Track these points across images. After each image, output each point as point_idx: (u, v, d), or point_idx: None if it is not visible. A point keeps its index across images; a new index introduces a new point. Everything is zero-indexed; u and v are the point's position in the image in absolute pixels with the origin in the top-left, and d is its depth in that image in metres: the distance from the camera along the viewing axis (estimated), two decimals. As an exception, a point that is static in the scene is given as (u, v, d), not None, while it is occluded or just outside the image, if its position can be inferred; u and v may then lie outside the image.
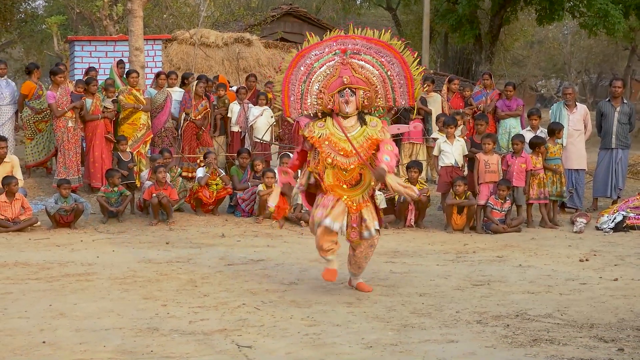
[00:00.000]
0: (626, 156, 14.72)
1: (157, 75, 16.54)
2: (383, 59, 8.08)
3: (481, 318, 7.39)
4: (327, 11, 43.10)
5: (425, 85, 16.86)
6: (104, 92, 15.37)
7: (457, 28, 30.97)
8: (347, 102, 7.92)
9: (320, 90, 7.99)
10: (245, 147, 15.84)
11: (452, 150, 13.21)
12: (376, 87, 8.04)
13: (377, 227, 8.20)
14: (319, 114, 8.14)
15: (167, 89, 16.18)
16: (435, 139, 13.97)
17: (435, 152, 13.62)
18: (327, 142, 7.94)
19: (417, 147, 16.45)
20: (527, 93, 46.61)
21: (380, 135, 7.93)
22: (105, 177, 13.63)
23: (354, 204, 8.03)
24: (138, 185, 14.40)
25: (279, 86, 8.17)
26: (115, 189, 13.24)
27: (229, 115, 16.57)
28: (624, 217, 12.78)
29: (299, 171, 8.62)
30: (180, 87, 16.58)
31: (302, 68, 8.09)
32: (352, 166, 7.91)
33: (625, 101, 14.64)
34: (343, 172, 7.95)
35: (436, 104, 16.76)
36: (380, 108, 8.24)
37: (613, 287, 8.73)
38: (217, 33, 23.74)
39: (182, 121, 15.90)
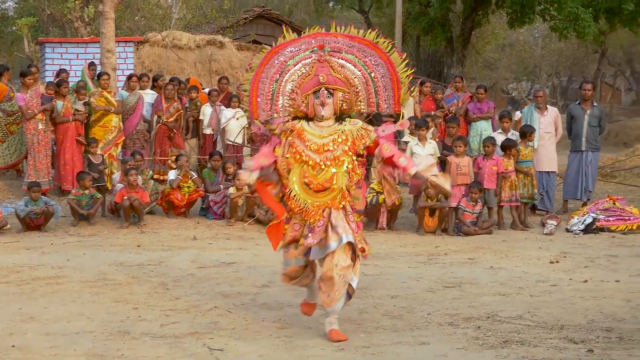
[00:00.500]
0: (596, 159, 14.82)
1: (129, 77, 16.49)
2: (367, 59, 7.04)
3: (452, 320, 7.41)
4: (300, 14, 43.20)
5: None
6: (75, 95, 15.29)
7: (429, 31, 31.07)
8: (322, 105, 6.84)
9: (293, 90, 6.98)
10: (217, 149, 15.80)
11: (423, 153, 13.24)
12: (357, 88, 6.96)
13: (351, 240, 6.77)
14: (290, 118, 7.06)
15: (139, 91, 16.14)
16: (406, 142, 13.99)
17: (407, 154, 13.61)
18: (296, 135, 6.88)
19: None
20: (498, 96, 46.80)
21: (366, 136, 6.88)
22: (77, 179, 13.55)
23: (320, 209, 6.79)
24: (109, 188, 14.35)
25: (247, 85, 7.19)
26: (86, 191, 13.17)
27: (201, 117, 16.54)
28: (594, 219, 12.87)
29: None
30: (152, 89, 16.53)
31: (274, 66, 7.11)
32: (323, 167, 6.74)
33: (595, 104, 14.73)
34: (312, 173, 6.76)
35: (408, 106, 16.76)
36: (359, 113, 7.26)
37: (583, 288, 8.78)
38: (189, 35, 23.70)
39: (154, 124, 15.85)
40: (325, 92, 6.86)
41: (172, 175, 13.86)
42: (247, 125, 16.30)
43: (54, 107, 14.69)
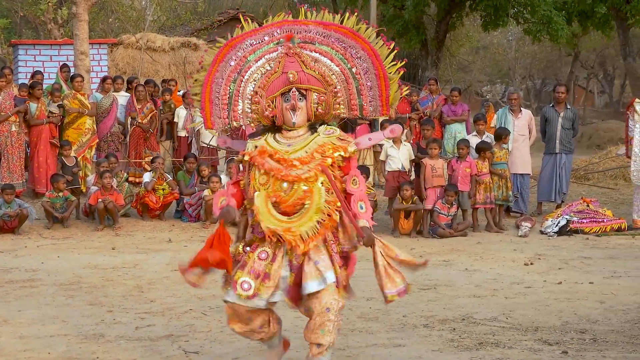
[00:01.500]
0: (570, 161, 14.90)
1: (104, 79, 16.46)
2: (346, 51, 5.63)
3: (428, 322, 7.43)
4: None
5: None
6: (49, 97, 15.22)
7: (404, 33, 31.15)
8: (294, 109, 5.43)
9: (256, 92, 5.53)
10: (191, 152, 15.78)
11: (398, 155, 13.27)
12: (335, 88, 5.54)
13: (334, 280, 5.49)
14: (254, 125, 5.71)
15: (113, 93, 16.09)
16: (381, 145, 14.01)
17: (382, 157, 13.67)
18: (259, 155, 5.45)
19: (364, 152, 16.50)
20: (472, 98, 47.03)
21: (343, 149, 5.49)
22: (51, 182, 13.48)
23: (294, 241, 5.39)
24: (84, 190, 14.30)
25: (198, 87, 5.73)
26: (61, 194, 13.11)
27: (175, 120, 16.51)
28: (568, 221, 12.94)
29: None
30: (127, 91, 16.49)
31: (231, 62, 5.65)
32: (293, 185, 5.37)
33: (568, 107, 14.82)
34: (281, 192, 5.37)
35: (382, 109, 16.80)
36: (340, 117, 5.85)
37: (557, 290, 8.83)
38: (163, 37, 23.64)
39: (128, 126, 15.82)
40: (297, 93, 5.46)
41: (146, 177, 13.82)
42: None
43: (28, 109, 14.60)
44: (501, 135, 13.83)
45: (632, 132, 13.50)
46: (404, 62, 5.76)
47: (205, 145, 15.97)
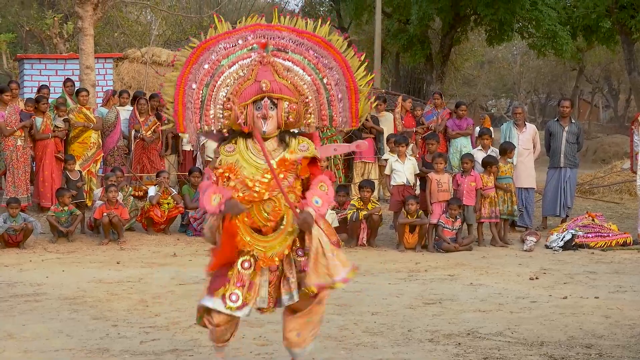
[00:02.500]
0: (574, 175, 14.90)
1: (119, 94, 16.62)
2: (318, 61, 5.69)
3: (433, 337, 7.42)
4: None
5: (376, 104, 16.97)
6: (55, 111, 15.26)
7: (409, 48, 31.26)
8: (264, 117, 5.52)
9: (229, 98, 5.57)
10: (196, 165, 15.79)
11: (403, 169, 13.27)
12: (307, 97, 5.65)
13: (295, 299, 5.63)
14: (226, 131, 5.76)
15: (118, 107, 16.16)
16: (386, 159, 14.02)
17: (387, 171, 13.67)
18: (236, 175, 5.58)
19: (369, 166, 16.53)
20: (477, 112, 47.07)
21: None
22: (56, 196, 13.50)
23: (269, 256, 5.60)
24: (89, 205, 14.31)
25: (170, 89, 5.66)
26: (66, 208, 13.12)
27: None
28: (573, 235, 12.92)
29: None
30: (132, 105, 16.55)
31: (205, 66, 5.65)
32: (265, 212, 5.57)
33: (573, 121, 14.83)
34: (260, 210, 5.55)
35: (388, 122, 16.85)
36: (326, 128, 5.96)
37: (562, 305, 8.81)
38: (168, 52, 23.70)
39: (132, 139, 15.87)
40: (268, 102, 5.52)
41: (151, 191, 13.83)
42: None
43: (33, 124, 14.64)
44: (506, 149, 13.82)
45: (637, 146, 13.51)
46: (373, 76, 5.81)
47: (210, 160, 15.98)
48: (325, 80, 5.67)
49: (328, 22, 5.76)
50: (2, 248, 12.43)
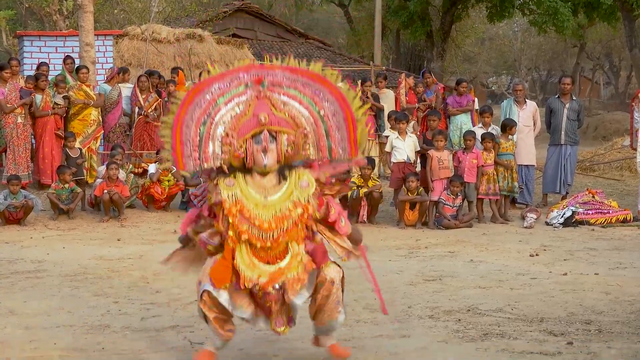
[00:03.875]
0: (575, 152, 14.89)
1: (125, 71, 16.63)
2: (314, 95, 5.70)
3: (433, 313, 7.43)
4: (280, 7, 43.13)
5: (378, 82, 16.97)
6: (54, 88, 15.23)
7: (409, 25, 31.16)
8: (265, 151, 5.53)
9: (227, 134, 5.58)
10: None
11: (404, 146, 13.27)
12: (305, 130, 5.65)
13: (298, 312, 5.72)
14: (226, 166, 5.69)
15: (120, 84, 16.15)
16: (387, 136, 14.02)
17: (387, 148, 13.67)
18: (237, 209, 5.58)
19: (369, 143, 16.50)
20: (478, 89, 47.02)
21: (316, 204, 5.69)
22: (57, 173, 13.51)
23: (273, 290, 5.61)
24: (89, 182, 14.33)
25: (167, 130, 5.67)
26: (66, 185, 13.13)
27: (181, 111, 16.51)
28: (573, 212, 12.92)
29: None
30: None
31: (200, 106, 5.65)
32: (269, 244, 5.59)
33: (574, 98, 14.81)
34: (262, 250, 5.62)
35: (388, 100, 16.83)
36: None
37: (562, 281, 8.82)
38: (168, 29, 23.61)
39: (135, 116, 15.87)
40: (268, 135, 5.54)
41: (152, 169, 13.84)
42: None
43: (33, 101, 14.62)
44: (507, 126, 13.80)
45: (637, 123, 13.50)
46: (369, 105, 5.95)
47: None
48: (322, 112, 5.67)
49: (321, 63, 5.78)
50: (3, 225, 12.45)
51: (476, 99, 17.10)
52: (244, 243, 5.57)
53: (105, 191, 12.87)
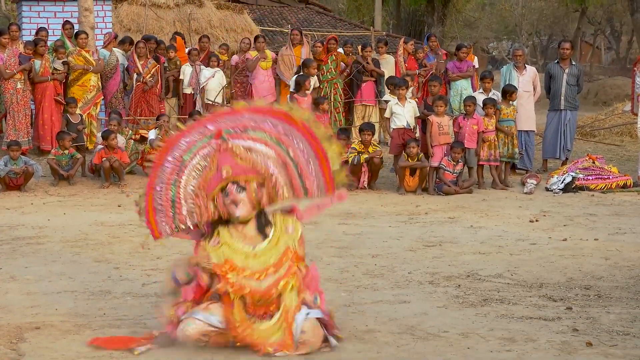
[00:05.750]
0: (574, 117, 14.87)
1: (122, 41, 16.57)
2: (280, 134, 5.61)
3: (433, 279, 7.46)
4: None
5: (378, 47, 16.92)
6: (53, 54, 15.18)
7: (410, -11, 31.02)
8: (235, 203, 5.51)
9: (196, 194, 5.56)
10: (197, 109, 15.76)
11: (404, 112, 13.23)
12: (273, 175, 5.55)
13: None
14: (204, 226, 5.66)
15: (116, 50, 16.11)
16: (387, 102, 13.99)
17: (387, 114, 13.63)
18: (229, 268, 5.51)
19: (369, 109, 16.47)
20: (478, 55, 46.86)
21: (300, 250, 5.69)
22: (56, 139, 13.50)
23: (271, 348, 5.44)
24: (89, 148, 14.33)
25: (142, 200, 5.68)
26: (66, 151, 13.12)
27: (181, 77, 16.47)
28: (573, 178, 12.92)
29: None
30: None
31: (168, 165, 5.62)
32: (262, 299, 5.53)
33: (573, 63, 14.77)
34: (254, 301, 5.53)
35: (389, 65, 16.76)
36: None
37: (562, 247, 8.85)
38: (168, -7, 23.48)
39: (134, 82, 15.82)
40: (234, 187, 5.51)
41: (152, 135, 13.83)
42: (226, 85, 16.29)
43: (32, 67, 14.57)
44: (508, 92, 13.76)
45: (638, 88, 13.47)
46: (341, 141, 5.78)
47: (211, 103, 15.95)
48: (291, 153, 5.59)
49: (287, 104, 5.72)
50: (3, 191, 12.47)
51: (475, 58, 17.02)
52: (238, 300, 5.49)
53: (105, 159, 12.86)
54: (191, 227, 5.64)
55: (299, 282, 5.59)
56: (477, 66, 16.68)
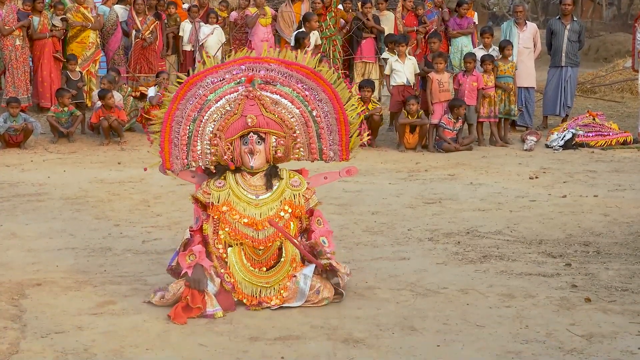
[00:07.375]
0: (575, 74, 14.81)
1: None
2: (307, 93, 5.67)
3: (432, 235, 7.48)
4: None
5: (378, 4, 16.78)
6: (52, 10, 15.08)
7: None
8: (252, 153, 5.57)
9: (215, 134, 5.59)
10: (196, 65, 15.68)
11: (403, 69, 13.18)
12: (295, 132, 5.67)
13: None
14: (213, 167, 5.74)
15: (115, 7, 15.99)
16: (386, 59, 13.92)
17: (386, 71, 13.58)
18: (226, 208, 5.59)
19: (369, 66, 16.36)
20: (479, 11, 46.55)
21: (305, 204, 5.77)
22: (56, 96, 13.45)
23: (274, 297, 5.58)
24: (89, 105, 14.29)
25: (158, 125, 5.75)
26: (66, 108, 13.09)
27: (180, 34, 16.37)
28: (574, 134, 12.90)
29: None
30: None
31: (192, 101, 5.67)
32: (262, 247, 5.62)
33: (574, 19, 14.68)
34: (255, 251, 5.64)
35: (389, 22, 16.65)
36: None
37: (562, 203, 8.86)
38: (167, -50, 23.27)
39: (133, 38, 15.74)
40: (255, 137, 5.57)
41: (151, 92, 13.78)
42: (225, 42, 16.21)
43: (31, 23, 14.49)
44: (503, 47, 13.66)
45: (639, 44, 13.40)
46: (364, 108, 5.79)
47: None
48: (314, 113, 5.70)
49: (319, 55, 5.75)
50: (3, 148, 12.46)
51: (475, 14, 16.89)
52: (237, 245, 5.60)
53: (103, 118, 12.81)
54: (202, 167, 5.74)
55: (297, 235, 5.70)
56: (476, 22, 16.57)
